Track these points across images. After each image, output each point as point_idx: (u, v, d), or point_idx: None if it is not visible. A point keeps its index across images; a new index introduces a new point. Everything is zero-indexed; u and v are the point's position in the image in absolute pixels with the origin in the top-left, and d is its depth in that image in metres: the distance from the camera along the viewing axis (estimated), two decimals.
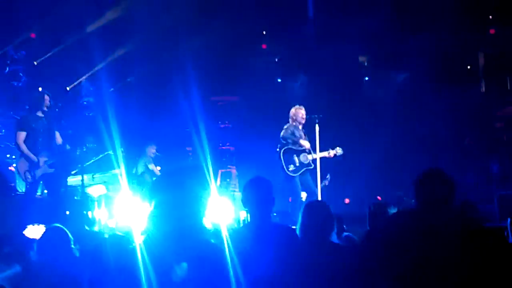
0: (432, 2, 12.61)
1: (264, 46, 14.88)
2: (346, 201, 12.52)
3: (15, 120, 9.20)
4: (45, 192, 8.84)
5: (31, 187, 8.41)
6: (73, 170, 10.08)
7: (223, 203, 8.68)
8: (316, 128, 9.67)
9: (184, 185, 3.49)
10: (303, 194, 9.78)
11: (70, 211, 8.34)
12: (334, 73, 14.11)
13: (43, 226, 6.04)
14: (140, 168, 11.56)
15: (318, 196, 9.44)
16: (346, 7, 13.00)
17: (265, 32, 14.69)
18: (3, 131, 10.97)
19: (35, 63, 13.03)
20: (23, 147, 8.45)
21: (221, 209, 8.33)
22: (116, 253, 4.12)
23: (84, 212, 9.17)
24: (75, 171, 10.05)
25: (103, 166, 10.82)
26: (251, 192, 4.50)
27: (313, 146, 9.81)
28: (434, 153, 12.24)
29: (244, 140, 13.39)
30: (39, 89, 10.31)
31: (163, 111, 13.32)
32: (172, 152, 12.64)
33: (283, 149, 9.76)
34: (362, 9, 12.79)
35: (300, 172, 9.71)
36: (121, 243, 4.41)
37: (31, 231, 6.29)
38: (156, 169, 11.58)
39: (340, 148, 10.06)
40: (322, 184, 9.77)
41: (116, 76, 13.47)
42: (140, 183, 11.00)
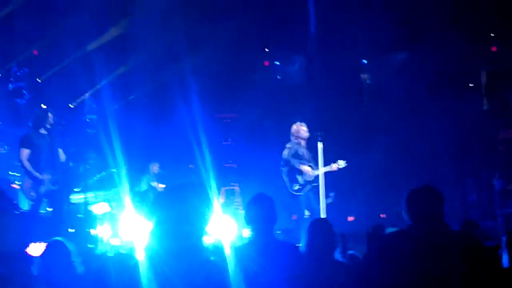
0: (433, 18, 12.64)
1: (266, 63, 14.93)
2: (350, 218, 12.47)
3: (18, 138, 9.21)
4: (49, 210, 8.84)
5: (34, 204, 8.40)
6: (76, 188, 10.08)
7: (226, 220, 8.66)
8: (319, 145, 9.60)
9: (186, 202, 3.49)
10: (306, 212, 9.73)
11: (73, 228, 8.33)
12: (335, 89, 14.13)
13: (45, 244, 6.03)
14: (144, 185, 11.55)
15: (322, 214, 9.39)
16: (347, 21, 13.02)
17: (267, 50, 14.75)
18: (6, 148, 10.97)
19: (38, 80, 13.08)
20: (26, 164, 8.45)
21: (224, 227, 8.31)
22: (119, 272, 4.11)
23: (87, 230, 9.16)
24: (79, 189, 10.05)
25: (106, 183, 10.82)
26: (253, 209, 4.51)
27: (316, 162, 9.77)
28: (437, 170, 12.20)
29: (247, 158, 13.37)
30: (42, 106, 10.33)
31: (165, 128, 13.33)
32: (175, 169, 12.63)
33: (285, 170, 9.74)
34: (363, 23, 12.82)
35: (305, 191, 9.68)
36: (124, 262, 4.38)
37: (33, 249, 6.27)
38: (159, 186, 11.56)
39: (343, 161, 9.97)
40: (327, 202, 9.73)
41: (119, 94, 13.51)
42: (143, 200, 10.98)
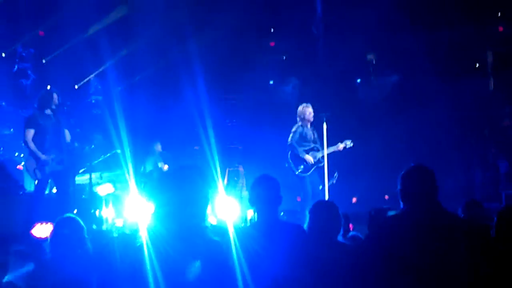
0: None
1: (272, 44, 14.87)
2: (354, 200, 12.49)
3: (23, 118, 9.22)
4: (54, 191, 8.88)
5: (39, 185, 8.43)
6: (81, 168, 10.11)
7: (230, 201, 8.68)
8: (324, 126, 9.63)
9: (189, 183, 3.50)
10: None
11: (78, 209, 8.36)
12: (340, 70, 14.10)
13: (50, 224, 6.06)
14: (148, 166, 11.58)
15: (326, 195, 9.43)
16: (353, 2, 12.94)
17: (273, 30, 14.68)
18: (11, 129, 11.00)
19: (44, 61, 13.08)
20: (31, 144, 8.46)
21: (228, 208, 8.34)
22: (124, 252, 4.14)
23: (92, 211, 9.20)
24: (83, 169, 10.08)
25: (111, 164, 10.85)
26: (258, 190, 4.51)
27: (321, 143, 9.79)
28: (442, 151, 12.20)
29: (251, 139, 13.38)
30: (47, 87, 10.33)
31: (170, 109, 13.34)
32: (180, 150, 12.65)
33: (290, 152, 9.78)
34: (369, 3, 12.74)
35: (310, 171, 9.72)
36: (129, 242, 4.41)
37: (39, 229, 6.30)
38: (164, 167, 11.59)
39: (350, 140, 10.00)
40: (329, 183, 9.76)
41: (124, 74, 13.50)
42: (148, 181, 11.01)
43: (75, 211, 8.04)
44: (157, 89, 13.67)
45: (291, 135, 9.85)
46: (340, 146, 9.94)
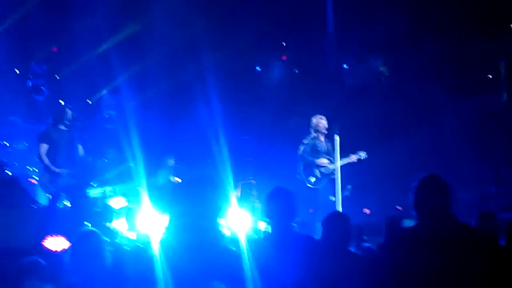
0: (452, 9, 12.53)
1: (284, 58, 14.90)
2: (366, 211, 12.42)
3: (37, 134, 9.29)
4: (67, 204, 8.91)
5: (53, 198, 8.48)
6: (94, 182, 10.15)
7: (242, 214, 8.68)
8: (336, 138, 9.59)
9: (201, 195, 3.50)
10: (332, 198, 9.67)
11: (91, 222, 8.38)
12: (353, 83, 14.09)
13: (63, 238, 6.07)
14: (161, 179, 11.59)
15: (339, 207, 9.38)
16: (364, 16, 12.95)
17: (285, 44, 14.71)
18: (26, 144, 11.08)
19: (57, 77, 13.18)
20: (45, 159, 8.54)
21: (241, 220, 8.33)
22: (136, 265, 4.13)
23: (104, 224, 9.21)
24: (96, 183, 10.12)
25: (124, 178, 10.87)
26: (273, 203, 4.47)
27: (335, 155, 9.74)
28: (455, 162, 12.12)
29: (264, 152, 13.37)
30: (61, 102, 10.42)
31: (183, 123, 13.37)
32: (193, 163, 12.66)
33: (301, 164, 9.75)
34: (380, 18, 12.75)
35: (323, 183, 9.68)
36: (141, 255, 4.40)
37: (51, 242, 6.32)
38: (176, 181, 11.59)
39: (364, 152, 9.93)
40: (343, 195, 9.71)
41: (137, 89, 13.56)
42: (160, 194, 11.01)
43: (88, 224, 8.06)
44: (170, 103, 13.70)
45: (302, 147, 9.81)
46: (353, 158, 9.85)
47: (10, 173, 9.74)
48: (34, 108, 12.64)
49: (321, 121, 9.86)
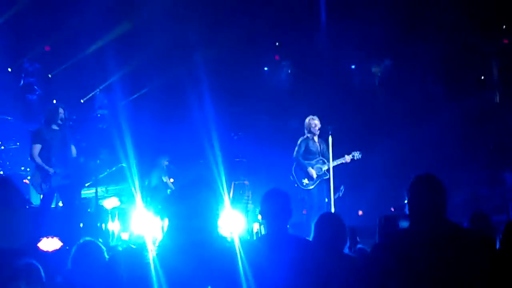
0: (444, 11, 12.58)
1: (276, 57, 14.91)
2: (360, 213, 12.46)
3: (29, 133, 9.25)
4: (60, 205, 8.89)
5: (45, 199, 8.45)
6: (87, 182, 10.13)
7: (235, 214, 8.67)
8: (330, 139, 9.60)
9: (198, 197, 3.51)
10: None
11: (84, 223, 8.37)
12: (346, 82, 14.13)
13: (57, 239, 6.06)
14: (154, 180, 11.57)
15: (332, 208, 9.40)
16: (357, 15, 12.97)
17: (278, 43, 14.72)
18: (18, 144, 11.03)
19: (50, 75, 13.14)
20: (37, 159, 8.49)
21: (234, 221, 8.33)
22: (130, 267, 4.13)
23: (98, 225, 9.20)
24: (89, 183, 10.10)
25: (117, 178, 10.85)
26: (268, 204, 4.47)
27: (328, 156, 9.75)
28: (447, 163, 12.16)
29: (257, 152, 13.37)
30: (53, 101, 10.37)
31: (176, 123, 13.35)
32: (185, 164, 12.65)
33: (294, 165, 9.77)
34: (373, 16, 12.77)
35: (315, 185, 9.69)
36: (135, 256, 4.40)
37: (45, 243, 6.30)
38: (169, 181, 11.58)
39: (358, 152, 9.94)
40: (335, 196, 9.73)
41: (130, 89, 13.54)
42: (153, 195, 11.00)
43: (81, 224, 8.04)
44: (163, 103, 13.69)
45: (296, 148, 9.84)
46: (347, 158, 9.87)
47: (2, 173, 9.71)
48: (26, 107, 12.58)
49: (313, 122, 9.85)
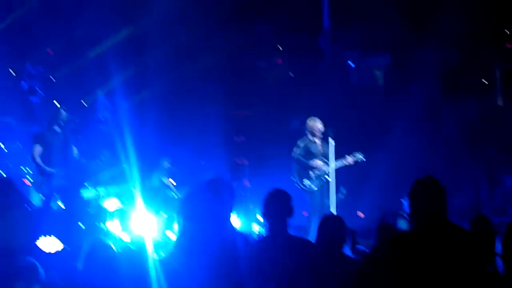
0: (447, 16, 12.58)
1: (279, 61, 14.92)
2: (360, 215, 12.43)
3: (32, 135, 9.27)
4: (60, 205, 8.90)
5: (46, 200, 8.47)
6: (87, 183, 10.13)
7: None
8: (331, 141, 9.58)
9: (215, 198, 3.54)
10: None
11: (84, 223, 8.37)
12: (348, 85, 14.13)
13: (55, 238, 6.06)
14: (155, 181, 11.58)
15: (333, 210, 9.38)
16: (360, 19, 12.99)
17: (281, 48, 14.74)
18: (20, 145, 11.06)
19: (52, 78, 13.16)
20: (38, 160, 8.54)
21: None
22: (129, 267, 4.13)
23: (98, 225, 9.20)
24: (90, 184, 10.10)
25: (118, 179, 10.86)
26: (271, 204, 4.47)
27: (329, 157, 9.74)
28: (449, 166, 12.16)
29: (258, 154, 13.38)
30: (56, 104, 10.40)
31: (177, 125, 13.38)
32: (187, 165, 12.66)
33: (295, 166, 9.74)
34: (376, 19, 12.79)
35: (316, 186, 9.67)
36: (134, 257, 4.40)
37: (44, 242, 6.30)
38: (170, 182, 11.59)
39: (360, 153, 9.92)
40: (337, 198, 9.71)
41: (132, 91, 13.56)
42: (154, 196, 11.00)
43: (81, 225, 8.05)
44: (164, 105, 13.70)
45: (296, 149, 9.79)
46: (349, 160, 9.83)
47: (4, 174, 9.72)
48: (29, 109, 12.62)
49: (316, 124, 9.83)
